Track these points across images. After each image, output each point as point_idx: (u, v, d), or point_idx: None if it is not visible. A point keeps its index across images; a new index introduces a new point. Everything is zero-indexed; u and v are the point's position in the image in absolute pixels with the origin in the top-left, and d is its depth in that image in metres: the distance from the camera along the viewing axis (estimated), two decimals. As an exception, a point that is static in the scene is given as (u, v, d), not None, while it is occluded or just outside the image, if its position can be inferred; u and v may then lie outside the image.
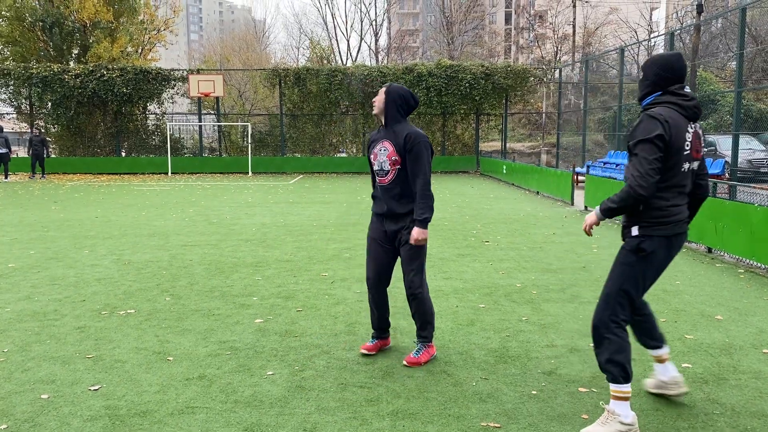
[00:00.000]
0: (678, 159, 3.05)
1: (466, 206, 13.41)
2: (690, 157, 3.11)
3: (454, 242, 8.86)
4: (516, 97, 25.22)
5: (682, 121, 3.06)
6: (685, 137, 3.05)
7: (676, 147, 3.02)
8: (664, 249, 3.14)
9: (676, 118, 3.04)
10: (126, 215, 12.06)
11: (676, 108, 3.07)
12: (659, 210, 3.10)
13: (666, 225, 3.11)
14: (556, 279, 6.61)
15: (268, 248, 8.44)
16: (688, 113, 3.08)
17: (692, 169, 3.16)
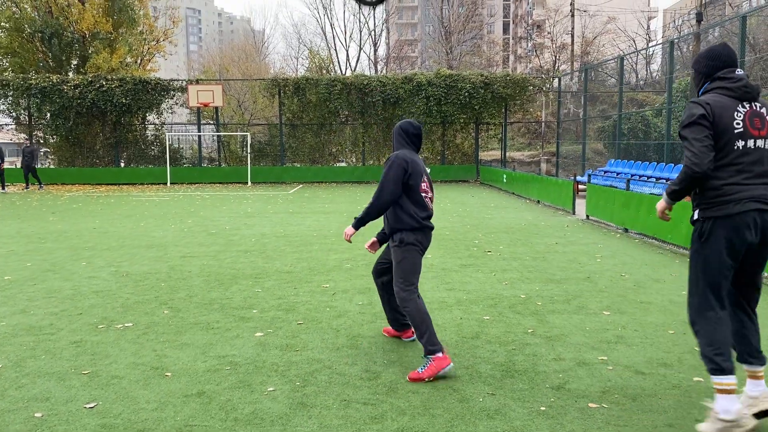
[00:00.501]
0: (728, 138, 3.11)
1: (467, 215, 13.32)
2: (747, 134, 3.13)
3: (457, 252, 8.76)
4: (515, 106, 25.21)
5: (728, 102, 3.15)
6: (733, 116, 3.13)
7: (722, 127, 3.11)
8: (727, 230, 3.11)
9: (721, 100, 3.15)
10: (124, 226, 11.95)
11: (723, 92, 3.18)
12: (714, 190, 3.14)
13: (724, 205, 3.10)
14: (561, 290, 6.51)
15: (268, 259, 8.34)
16: (736, 93, 3.16)
17: (761, 147, 3.15)
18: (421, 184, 4.28)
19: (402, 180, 4.20)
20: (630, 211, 10.35)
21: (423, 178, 4.31)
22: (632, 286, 6.68)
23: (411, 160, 4.25)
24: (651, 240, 9.82)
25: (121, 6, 27.12)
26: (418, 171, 4.26)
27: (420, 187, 4.26)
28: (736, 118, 3.13)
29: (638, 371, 4.16)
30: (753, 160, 3.13)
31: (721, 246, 3.13)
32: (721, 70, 3.22)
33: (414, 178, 4.23)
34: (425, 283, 6.79)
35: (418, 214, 4.22)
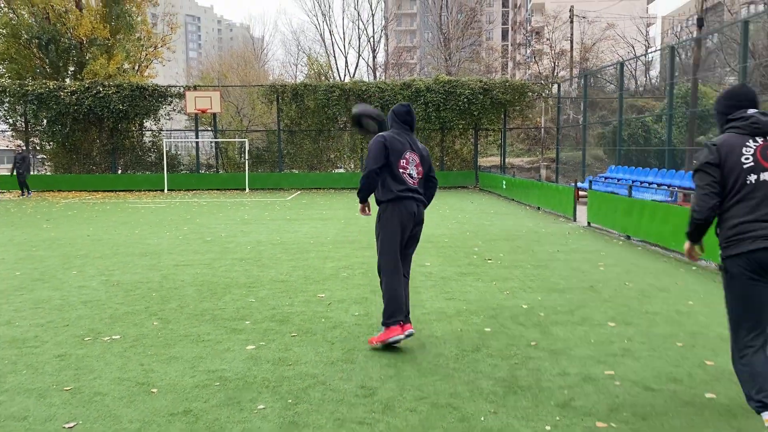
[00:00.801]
0: (737, 174, 3.18)
1: (467, 222, 13.14)
2: (758, 168, 3.17)
3: (456, 260, 8.57)
4: (515, 112, 25.07)
5: (738, 140, 3.24)
6: (741, 152, 3.20)
7: (730, 165, 3.20)
8: (747, 267, 3.15)
9: (730, 139, 3.26)
10: (119, 233, 11.76)
11: (735, 130, 3.28)
12: (731, 229, 3.21)
13: (741, 242, 3.16)
14: (564, 299, 6.32)
15: (263, 267, 8.14)
16: (746, 130, 3.25)
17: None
18: (400, 161, 4.68)
19: (383, 154, 4.62)
20: (632, 218, 10.17)
21: (404, 156, 4.70)
22: (637, 295, 6.49)
23: (390, 137, 4.67)
24: (654, 248, 9.64)
25: (119, 12, 27.00)
26: (397, 149, 4.66)
27: (398, 164, 4.68)
28: (745, 153, 3.21)
29: (647, 387, 3.97)
30: (765, 194, 3.17)
31: (753, 284, 3.17)
32: (737, 110, 3.32)
33: (393, 156, 4.66)
34: (424, 293, 6.60)
35: (394, 187, 4.66)
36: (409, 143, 4.78)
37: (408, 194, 4.68)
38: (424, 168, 4.87)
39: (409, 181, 4.72)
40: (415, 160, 4.79)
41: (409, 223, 4.75)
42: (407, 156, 4.73)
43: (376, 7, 51.71)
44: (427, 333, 5.17)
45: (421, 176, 4.84)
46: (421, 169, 4.84)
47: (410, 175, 4.74)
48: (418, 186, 4.81)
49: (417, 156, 4.81)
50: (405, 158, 4.72)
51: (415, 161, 4.79)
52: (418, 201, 4.80)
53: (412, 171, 4.77)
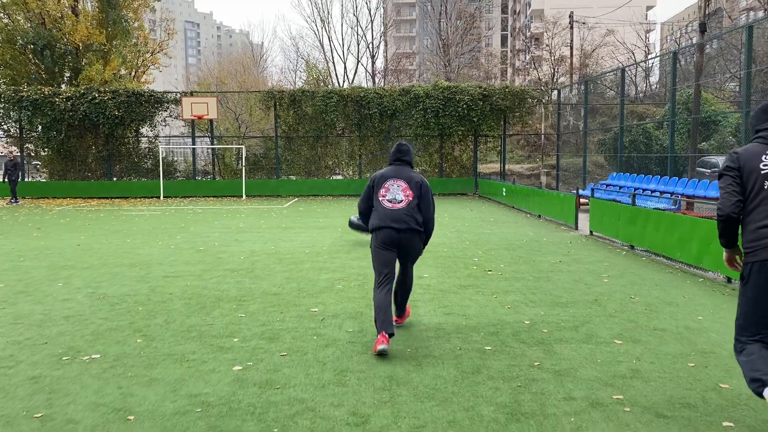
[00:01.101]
0: (755, 179, 3.37)
1: (466, 231, 12.88)
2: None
3: (455, 271, 8.31)
4: (514, 119, 24.84)
5: (759, 149, 3.45)
6: (760, 159, 3.39)
7: (747, 170, 3.40)
8: (755, 269, 3.31)
9: (752, 148, 3.47)
10: (110, 242, 11.49)
11: (758, 140, 3.50)
12: (750, 233, 3.37)
13: (757, 247, 3.31)
14: (568, 314, 6.05)
15: (256, 279, 7.87)
16: (766, 140, 3.46)
17: None
18: (380, 190, 5.28)
19: (367, 194, 5.39)
20: (636, 227, 9.91)
21: (384, 185, 5.27)
22: (644, 309, 6.23)
23: (378, 174, 5.40)
24: (659, 258, 9.38)
25: (115, 18, 26.77)
26: (380, 182, 5.32)
27: (379, 192, 5.29)
28: (763, 160, 3.40)
29: (659, 414, 3.70)
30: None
31: (754, 288, 3.33)
32: (762, 123, 3.54)
33: (376, 187, 5.32)
34: (421, 307, 6.33)
35: (373, 220, 5.26)
36: (395, 175, 5.31)
37: (382, 223, 5.16)
38: (414, 191, 5.23)
39: (388, 206, 5.19)
40: (400, 185, 5.25)
41: (387, 244, 5.15)
42: (387, 184, 5.27)
43: (375, 13, 51.63)
44: (425, 352, 4.90)
45: (410, 198, 5.20)
46: (410, 192, 5.22)
47: (391, 200, 5.22)
48: (406, 207, 5.17)
49: (403, 182, 5.26)
50: (385, 187, 5.27)
51: (401, 186, 5.25)
52: (398, 227, 5.11)
53: (396, 195, 5.22)
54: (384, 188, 5.26)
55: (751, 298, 3.36)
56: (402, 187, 5.24)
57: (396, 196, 5.22)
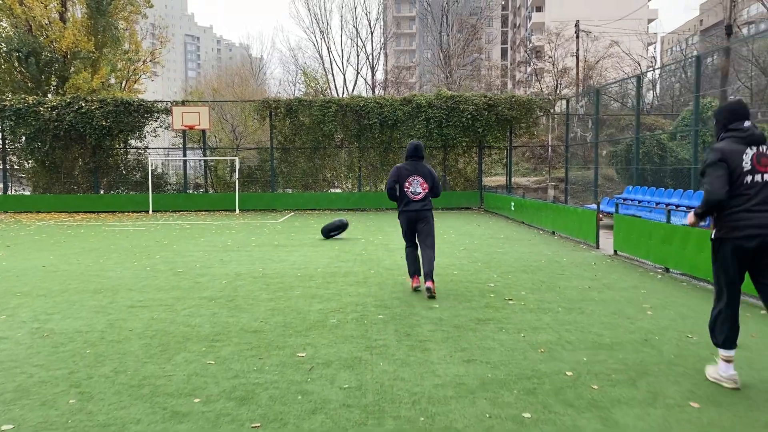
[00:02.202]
0: (738, 174, 4.07)
1: (476, 250, 11.69)
2: (754, 171, 4.07)
3: (470, 300, 7.10)
4: (521, 129, 23.72)
5: (739, 147, 4.10)
6: (741, 158, 4.08)
7: (732, 166, 4.08)
8: (734, 249, 4.09)
9: (732, 145, 4.11)
10: (80, 263, 10.30)
11: (734, 139, 4.12)
12: (729, 216, 4.09)
13: (733, 229, 4.06)
14: (617, 361, 4.86)
15: (235, 311, 6.67)
16: (745, 141, 4.10)
17: (766, 180, 4.06)
18: (405, 183, 7.38)
19: (393, 178, 7.42)
20: (673, 247, 8.73)
21: (408, 179, 7.37)
22: (709, 354, 5.02)
23: (401, 167, 7.44)
24: (701, 283, 8.18)
25: (105, 25, 25.72)
26: (404, 175, 7.39)
27: (404, 185, 7.38)
28: (744, 159, 4.06)
29: None
30: (756, 192, 4.05)
31: (734, 261, 4.12)
32: (734, 122, 4.15)
33: (400, 180, 7.40)
34: (434, 350, 5.14)
35: (400, 204, 7.49)
36: (414, 170, 7.42)
37: (407, 208, 7.44)
38: (428, 183, 7.44)
39: (411, 197, 7.42)
40: (419, 180, 7.41)
41: (411, 223, 7.49)
42: (410, 179, 7.40)
43: (375, 25, 50.76)
44: (444, 423, 3.69)
45: (426, 190, 7.44)
46: (426, 185, 7.43)
47: (413, 192, 7.41)
48: (424, 197, 7.43)
49: (421, 177, 7.41)
50: (408, 181, 7.40)
51: (420, 181, 7.41)
52: (417, 210, 7.42)
53: (416, 189, 7.41)
54: (408, 182, 7.42)
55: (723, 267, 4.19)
56: (420, 182, 7.43)
57: (416, 189, 7.43)
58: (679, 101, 35.19)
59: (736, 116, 4.20)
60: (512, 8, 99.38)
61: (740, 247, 4.09)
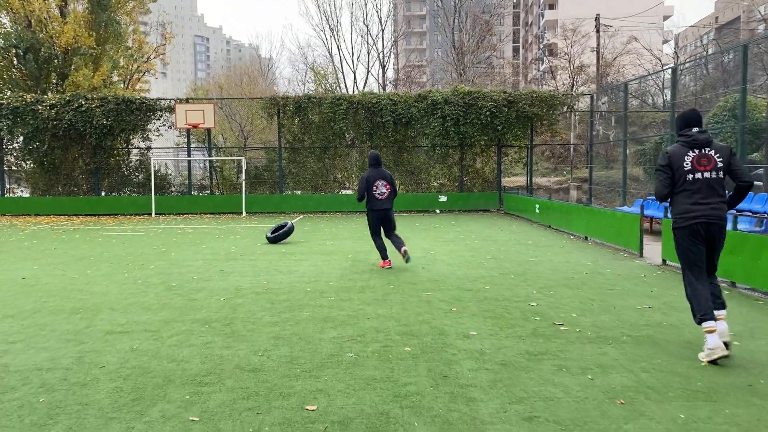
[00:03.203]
0: (681, 173, 4.91)
1: (505, 258, 10.51)
2: (694, 170, 4.88)
3: (512, 326, 5.94)
4: (542, 127, 22.49)
5: (683, 150, 4.93)
6: (683, 159, 4.91)
7: (676, 166, 4.93)
8: (688, 234, 4.93)
9: (679, 149, 4.96)
10: (65, 274, 9.23)
11: (681, 143, 4.97)
12: (678, 208, 4.99)
13: (684, 219, 4.93)
14: (725, 420, 3.68)
15: (232, 339, 5.55)
16: (689, 144, 4.92)
17: (708, 177, 4.86)
18: (373, 187, 9.38)
19: (364, 186, 9.40)
20: (740, 258, 7.52)
21: (375, 183, 9.38)
22: None
23: (368, 175, 9.44)
24: (780, 301, 6.97)
25: (106, 20, 24.70)
26: (371, 180, 9.39)
27: (372, 189, 9.39)
28: (686, 160, 4.91)
29: None
30: (698, 187, 4.88)
31: (691, 244, 4.94)
32: (685, 128, 4.99)
33: (369, 184, 9.39)
34: (481, 399, 3.98)
35: (370, 204, 9.47)
36: (379, 175, 9.40)
37: (376, 207, 9.42)
38: (390, 185, 9.42)
39: (378, 197, 9.38)
40: (384, 183, 9.39)
41: (381, 219, 9.44)
42: (377, 183, 9.36)
43: (385, 22, 49.58)
44: None
45: (389, 190, 9.41)
46: (388, 186, 9.41)
47: (380, 193, 9.38)
48: (388, 196, 9.41)
49: (384, 180, 9.39)
50: (375, 185, 9.37)
51: (384, 184, 9.39)
52: (386, 208, 9.43)
53: (382, 190, 9.38)
54: (375, 186, 9.31)
55: (683, 248, 5.01)
56: (384, 185, 9.35)
57: (382, 191, 9.33)
58: (741, 89, 33.78)
59: (687, 123, 4.98)
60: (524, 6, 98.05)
61: (693, 231, 4.86)
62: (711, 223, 4.83)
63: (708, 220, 4.82)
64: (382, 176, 9.36)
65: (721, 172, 4.85)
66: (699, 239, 4.88)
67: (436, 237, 14.00)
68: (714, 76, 33.58)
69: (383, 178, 9.35)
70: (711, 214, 4.81)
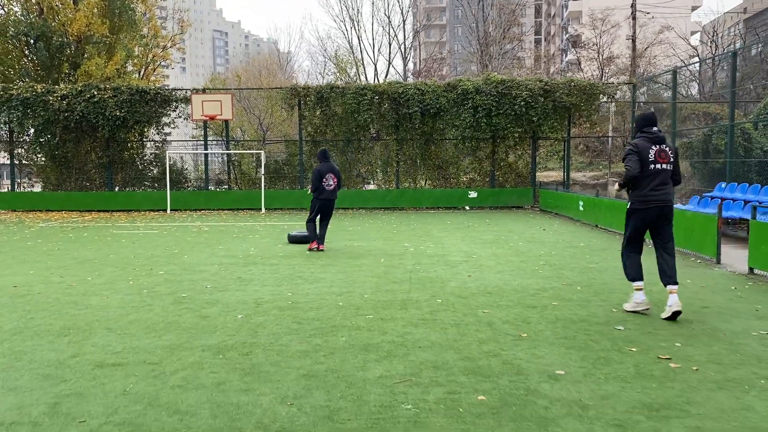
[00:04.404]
0: (645, 163, 5.86)
1: (562, 264, 9.21)
2: (656, 162, 5.88)
3: (607, 361, 4.66)
4: (581, 118, 21.05)
5: (647, 144, 5.91)
6: (648, 152, 5.88)
7: (642, 157, 5.87)
8: (642, 217, 6.01)
9: (643, 143, 5.93)
10: (62, 281, 8.12)
11: (645, 139, 5.95)
12: (637, 192, 5.97)
13: (642, 202, 5.95)
14: None
15: (252, 377, 4.35)
16: (651, 140, 5.92)
17: (664, 168, 5.91)
18: (323, 179, 10.61)
19: (318, 178, 10.61)
20: None
21: (326, 175, 10.62)
22: None
23: (320, 168, 10.65)
24: None
25: (120, 7, 23.65)
26: (323, 172, 10.64)
27: (323, 181, 10.60)
28: (650, 153, 5.88)
29: None
30: (656, 175, 5.89)
31: (641, 223, 6.06)
32: (646, 126, 6.00)
33: (321, 175, 10.62)
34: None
35: (319, 194, 10.67)
36: (329, 169, 10.71)
37: (324, 196, 10.70)
38: (337, 178, 10.77)
39: (327, 188, 10.66)
40: (332, 176, 10.70)
41: (326, 207, 10.78)
42: (327, 176, 10.64)
43: (407, 12, 48.14)
44: None
45: (336, 182, 10.76)
46: (335, 179, 10.73)
47: (328, 185, 10.65)
48: (335, 188, 10.74)
49: (333, 174, 10.72)
50: (326, 177, 10.64)
51: (332, 176, 10.70)
52: (330, 198, 10.76)
53: (330, 182, 10.67)
54: (326, 178, 10.64)
55: (634, 227, 6.10)
56: (333, 177, 10.71)
57: (330, 183, 10.67)
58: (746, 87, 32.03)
59: (648, 123, 6.01)
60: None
61: (649, 215, 5.97)
62: (664, 206, 5.95)
63: (662, 204, 5.93)
64: (331, 170, 10.67)
65: (671, 165, 5.98)
66: (647, 222, 6.04)
67: (473, 238, 12.73)
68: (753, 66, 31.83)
69: (332, 171, 10.67)
70: (665, 198, 5.94)
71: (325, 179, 10.56)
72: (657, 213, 5.92)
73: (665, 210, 5.94)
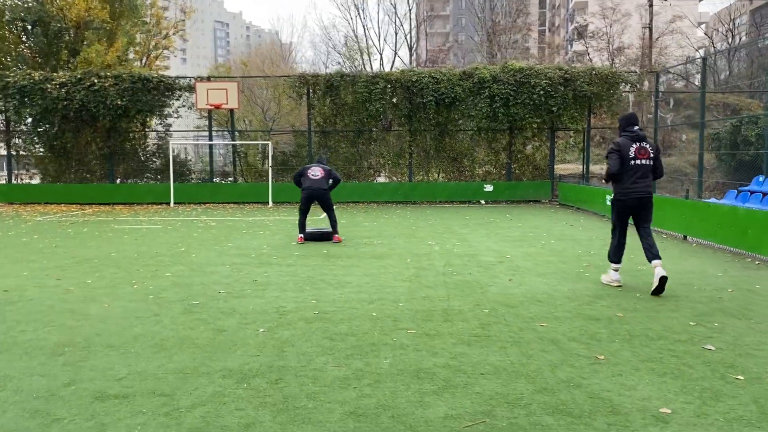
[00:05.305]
0: (627, 160, 6.58)
1: (607, 266, 8.38)
2: (636, 158, 6.58)
3: (716, 394, 3.86)
4: (601, 108, 20.18)
5: (629, 142, 6.61)
6: (629, 149, 6.59)
7: (623, 154, 6.59)
8: (624, 207, 6.78)
9: (625, 141, 6.62)
10: (59, 284, 7.31)
11: (627, 137, 6.63)
12: (620, 185, 6.71)
13: (624, 194, 6.71)
14: None
15: (287, 416, 3.53)
16: (632, 139, 6.60)
17: (644, 163, 6.60)
18: (308, 172, 10.75)
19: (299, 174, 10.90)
20: None
21: (311, 169, 10.78)
22: None
23: (304, 168, 10.97)
24: None
25: (121, -10, 22.76)
26: (306, 170, 10.83)
27: (307, 173, 10.77)
28: (631, 150, 6.58)
29: None
30: (637, 171, 6.59)
31: (624, 213, 6.85)
32: (628, 126, 6.67)
33: (304, 170, 10.87)
34: None
35: (303, 185, 10.73)
36: (316, 164, 10.94)
37: (306, 183, 10.68)
38: (325, 171, 10.79)
39: (312, 177, 10.68)
40: (319, 168, 10.81)
41: (309, 198, 10.67)
42: (312, 168, 10.81)
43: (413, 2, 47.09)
44: None
45: (323, 175, 10.72)
46: (323, 172, 10.74)
47: (313, 174, 10.70)
48: (320, 178, 10.68)
49: (319, 167, 10.83)
50: (311, 170, 10.78)
51: (319, 168, 10.80)
52: (315, 189, 10.61)
53: (315, 172, 10.74)
54: (310, 171, 10.78)
55: (617, 215, 6.88)
56: (319, 169, 10.79)
57: (315, 173, 10.73)
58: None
59: (630, 122, 6.70)
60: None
61: (629, 204, 6.72)
62: (642, 198, 6.62)
63: (642, 196, 6.61)
64: (319, 165, 10.91)
65: (651, 161, 6.61)
66: (630, 211, 6.79)
67: (500, 235, 11.92)
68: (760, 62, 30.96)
69: (319, 163, 10.98)
70: (644, 191, 6.62)
71: (311, 171, 10.77)
72: (636, 203, 6.65)
73: (644, 200, 6.65)
